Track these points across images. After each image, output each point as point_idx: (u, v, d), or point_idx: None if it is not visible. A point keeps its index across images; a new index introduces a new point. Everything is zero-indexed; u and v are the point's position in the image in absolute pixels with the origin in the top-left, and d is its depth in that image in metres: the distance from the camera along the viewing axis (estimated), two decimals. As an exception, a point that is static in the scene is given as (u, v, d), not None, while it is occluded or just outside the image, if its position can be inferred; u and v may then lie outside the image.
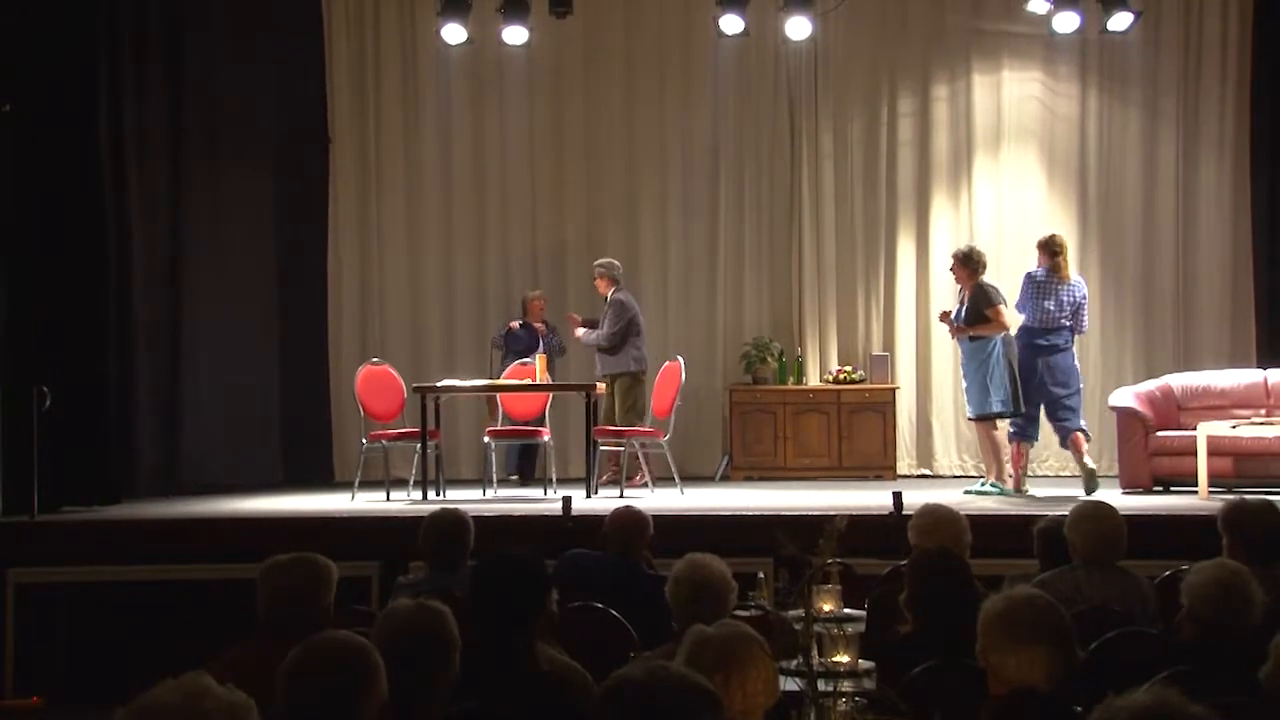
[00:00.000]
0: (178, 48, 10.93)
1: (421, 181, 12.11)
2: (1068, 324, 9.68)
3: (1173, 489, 9.91)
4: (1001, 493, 9.65)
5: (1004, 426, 9.87)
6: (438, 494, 9.85)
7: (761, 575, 5.35)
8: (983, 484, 9.92)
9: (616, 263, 10.94)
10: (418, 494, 9.79)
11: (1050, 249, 9.77)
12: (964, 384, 10.01)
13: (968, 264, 9.84)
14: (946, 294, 12.00)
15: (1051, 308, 9.66)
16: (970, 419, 10.06)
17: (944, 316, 9.98)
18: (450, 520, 5.40)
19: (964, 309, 9.77)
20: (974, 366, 9.72)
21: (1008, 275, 10.76)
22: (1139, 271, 12.02)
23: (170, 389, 10.73)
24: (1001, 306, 9.67)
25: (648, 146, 12.18)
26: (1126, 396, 10.34)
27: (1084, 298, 9.77)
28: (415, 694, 3.17)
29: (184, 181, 10.93)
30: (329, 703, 2.78)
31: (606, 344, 10.63)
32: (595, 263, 10.95)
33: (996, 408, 9.66)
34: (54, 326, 9.15)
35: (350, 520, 8.56)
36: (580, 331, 10.78)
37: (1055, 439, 11.91)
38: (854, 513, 6.44)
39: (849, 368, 11.86)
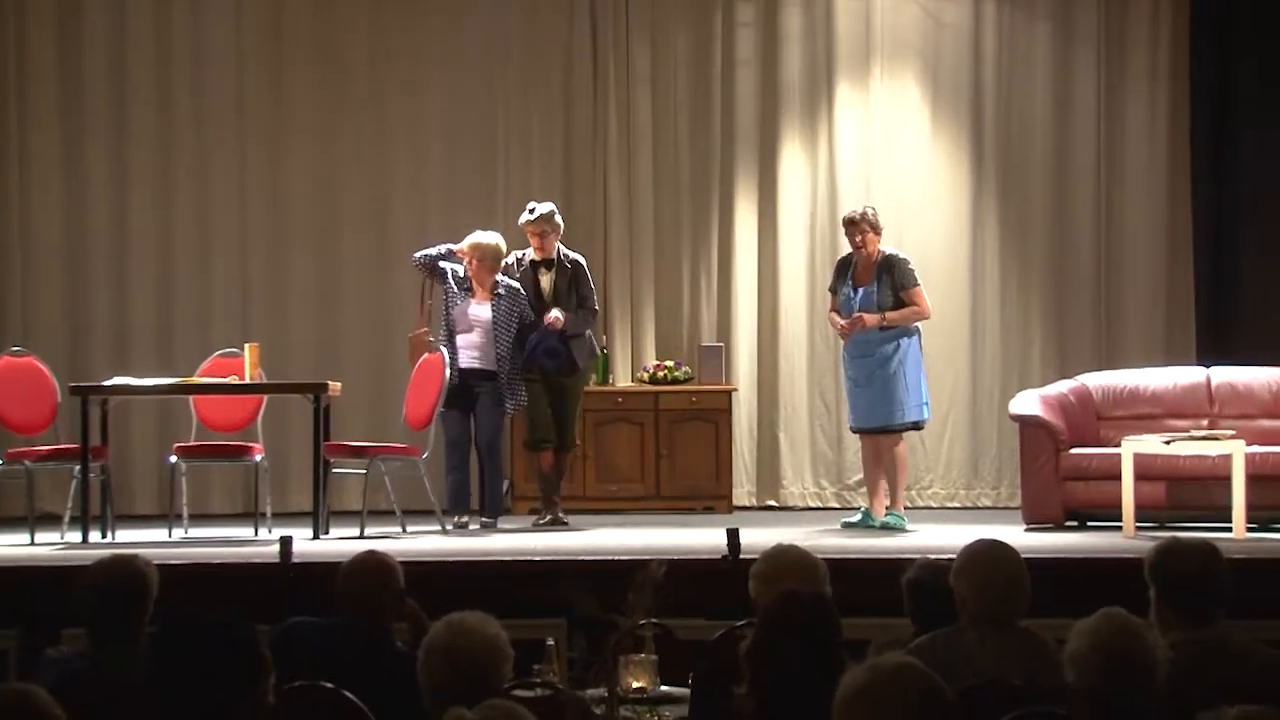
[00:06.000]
0: None
1: (84, 107, 11.88)
2: None
3: (1090, 524, 10.21)
4: (904, 526, 9.99)
5: (910, 439, 10.31)
6: (104, 535, 9.69)
7: (551, 642, 5.37)
8: (863, 514, 10.15)
9: None
10: (75, 535, 9.60)
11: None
12: (851, 385, 10.17)
13: (876, 227, 10.10)
14: (798, 265, 12.20)
15: None
16: (866, 431, 10.15)
17: (855, 321, 10.04)
18: (123, 571, 5.30)
19: (874, 291, 9.95)
20: (879, 364, 9.95)
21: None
22: (1050, 240, 12.37)
23: None
24: (922, 288, 10.08)
25: (400, 60, 12.11)
26: (1031, 402, 10.57)
27: None
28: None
29: None
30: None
31: (594, 320, 10.76)
32: (538, 212, 10.40)
33: (918, 415, 10.07)
34: None
35: (-21, 572, 8.35)
36: (558, 315, 10.29)
37: (942, 458, 12.26)
38: (675, 557, 6.50)
39: (670, 363, 11.96)
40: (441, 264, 10.35)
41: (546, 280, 10.52)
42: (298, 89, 12.08)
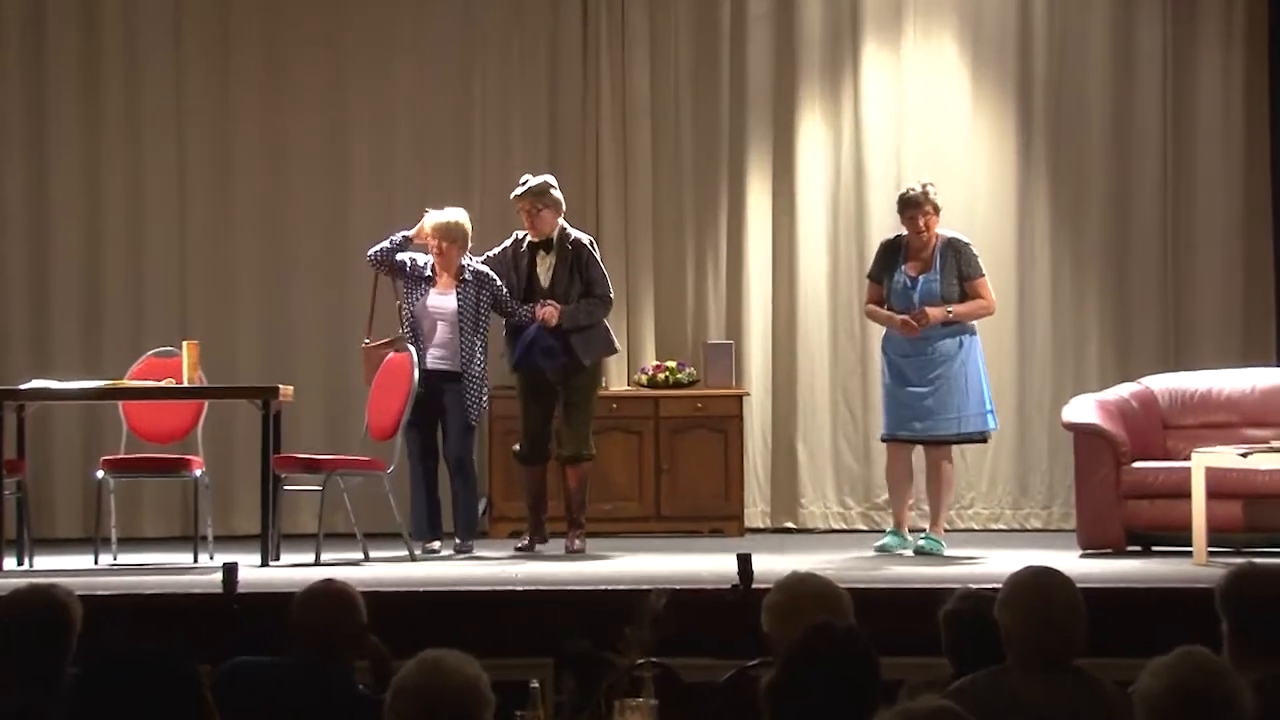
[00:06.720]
0: None
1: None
2: None
3: (1155, 549, 10.22)
4: (942, 551, 10.02)
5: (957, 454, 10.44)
6: (20, 561, 9.74)
7: (536, 684, 5.37)
8: (893, 535, 10.16)
9: None
10: (-11, 563, 9.63)
11: None
12: (893, 386, 10.13)
13: (938, 208, 10.12)
14: (819, 252, 12.20)
15: None
16: (916, 440, 10.14)
17: (919, 317, 9.96)
18: (41, 603, 5.31)
19: (936, 280, 9.96)
20: (939, 364, 10.00)
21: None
22: (1108, 224, 12.41)
23: None
24: (988, 278, 10.18)
25: (363, 27, 12.20)
26: (1088, 409, 10.59)
27: None
28: None
29: None
30: None
31: (606, 310, 10.40)
32: (530, 184, 10.18)
33: (982, 424, 10.17)
34: None
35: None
36: (551, 309, 10.09)
37: (986, 473, 12.19)
38: (678, 587, 6.50)
39: (672, 364, 11.98)
40: (399, 256, 10.28)
41: (545, 265, 10.32)
42: (243, 56, 12.14)
